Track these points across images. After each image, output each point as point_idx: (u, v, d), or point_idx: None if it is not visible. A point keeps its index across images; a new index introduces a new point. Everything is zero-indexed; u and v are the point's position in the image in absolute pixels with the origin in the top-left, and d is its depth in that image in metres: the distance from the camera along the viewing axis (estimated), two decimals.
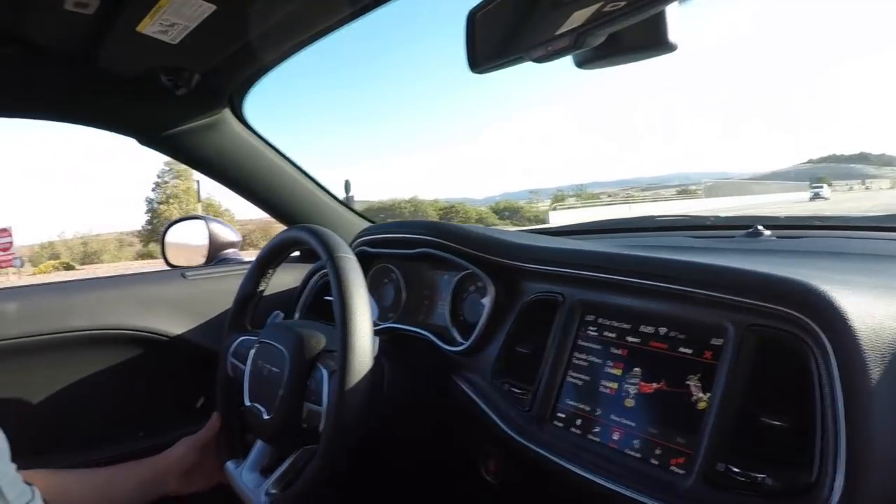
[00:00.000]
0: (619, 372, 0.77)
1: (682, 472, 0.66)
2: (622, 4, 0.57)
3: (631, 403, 0.74)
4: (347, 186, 1.95)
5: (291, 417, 0.88)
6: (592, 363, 0.81)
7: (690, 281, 0.72)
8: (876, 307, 0.60)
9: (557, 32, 0.64)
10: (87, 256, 39.79)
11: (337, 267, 0.85)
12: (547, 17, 0.67)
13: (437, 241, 1.09)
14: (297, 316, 1.35)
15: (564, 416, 0.82)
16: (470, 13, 0.74)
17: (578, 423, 0.79)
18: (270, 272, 1.10)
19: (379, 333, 1.15)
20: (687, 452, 0.66)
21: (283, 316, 1.22)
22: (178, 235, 1.66)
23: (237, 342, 1.08)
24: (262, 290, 1.11)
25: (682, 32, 0.61)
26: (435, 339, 1.07)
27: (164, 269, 1.58)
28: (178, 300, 1.37)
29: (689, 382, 0.69)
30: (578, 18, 0.62)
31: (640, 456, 0.71)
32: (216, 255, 1.60)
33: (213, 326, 1.36)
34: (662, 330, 0.75)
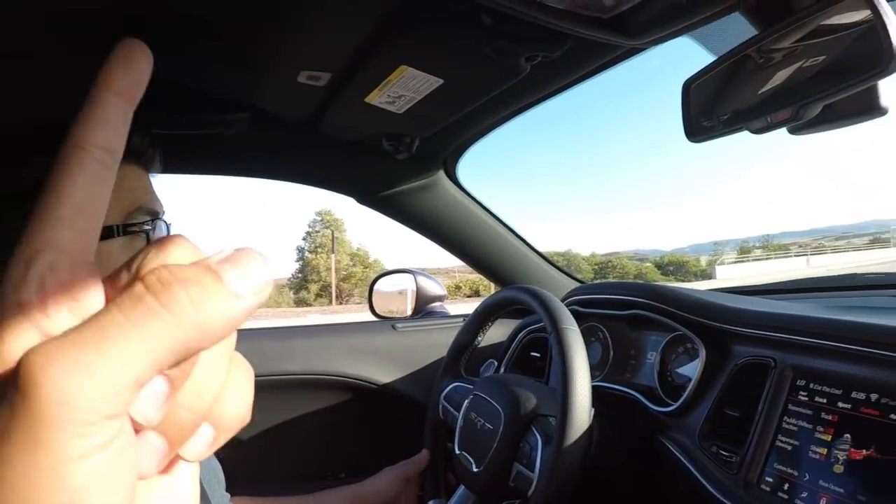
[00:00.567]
0: (828, 438, 0.76)
1: None
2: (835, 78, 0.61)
3: (840, 470, 0.73)
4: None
5: (500, 475, 0.93)
6: (802, 428, 0.80)
7: None
8: None
9: (769, 95, 0.69)
10: None
11: (562, 340, 0.90)
12: (756, 80, 0.71)
13: (649, 303, 1.12)
14: (502, 370, 1.40)
15: (772, 480, 0.81)
16: (685, 84, 0.79)
17: (786, 487, 0.78)
18: (488, 325, 1.17)
19: None
20: None
21: (496, 366, 1.27)
22: (385, 287, 1.71)
23: (451, 387, 1.15)
24: (478, 340, 1.18)
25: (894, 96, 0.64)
26: (642, 398, 1.08)
27: (374, 320, 1.66)
28: (388, 350, 1.43)
29: None
30: (785, 78, 0.67)
31: None
32: (423, 307, 1.65)
33: (421, 377, 1.42)
34: (874, 396, 0.73)
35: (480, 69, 0.91)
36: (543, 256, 1.66)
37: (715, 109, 0.78)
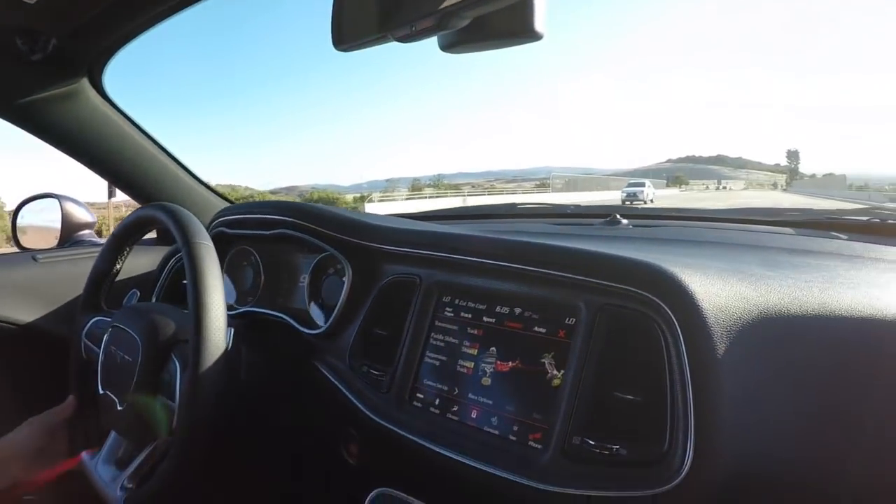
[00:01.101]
0: (475, 352, 0.78)
1: (539, 446, 0.68)
2: None
3: (488, 382, 0.76)
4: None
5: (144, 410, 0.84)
6: (449, 343, 0.82)
7: (545, 262, 0.74)
8: (722, 288, 0.64)
9: (423, 12, 0.63)
10: None
11: (192, 255, 0.82)
12: None
13: (294, 221, 1.06)
14: (153, 300, 1.29)
15: (423, 396, 0.82)
16: None
17: (437, 402, 0.80)
18: (127, 250, 1.04)
19: (237, 318, 1.11)
20: (543, 428, 0.68)
21: (139, 296, 1.13)
22: (29, 215, 1.56)
23: (91, 322, 1.02)
24: (117, 268, 1.06)
25: (548, 22, 0.62)
26: (294, 322, 1.04)
27: (13, 251, 1.50)
28: (28, 285, 1.29)
29: (543, 360, 0.71)
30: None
31: (498, 433, 0.72)
32: (70, 236, 1.51)
33: (67, 312, 1.30)
34: (517, 310, 0.76)
35: None
36: (195, 176, 1.59)
37: (364, 17, 0.70)
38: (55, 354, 1.15)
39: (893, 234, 1.02)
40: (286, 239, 1.09)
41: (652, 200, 31.73)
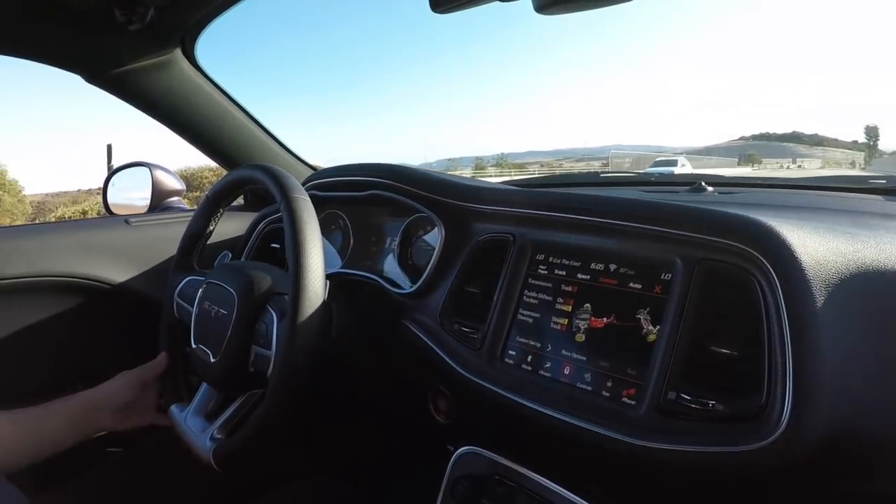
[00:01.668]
0: (568, 308, 0.79)
1: (633, 402, 0.68)
2: None
3: (581, 338, 0.76)
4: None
5: (238, 360, 0.86)
6: (542, 300, 0.82)
7: (640, 217, 0.74)
8: (820, 242, 0.63)
9: None
10: None
11: (292, 209, 0.82)
12: None
13: (387, 182, 1.07)
14: (244, 261, 1.31)
15: (515, 353, 0.83)
16: None
17: (529, 359, 0.81)
18: (221, 211, 1.06)
19: (328, 279, 1.14)
20: (638, 383, 0.68)
21: (231, 257, 1.17)
22: (120, 182, 1.61)
23: (184, 282, 1.04)
24: (211, 229, 1.07)
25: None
26: (384, 283, 1.05)
27: (105, 216, 1.54)
28: (121, 247, 1.32)
29: (639, 316, 0.71)
30: None
31: (591, 389, 0.73)
32: (160, 203, 1.56)
33: (158, 274, 1.32)
34: (612, 266, 0.76)
35: None
36: (283, 145, 1.61)
37: None
38: (147, 314, 1.19)
39: None
40: (377, 201, 1.10)
41: None
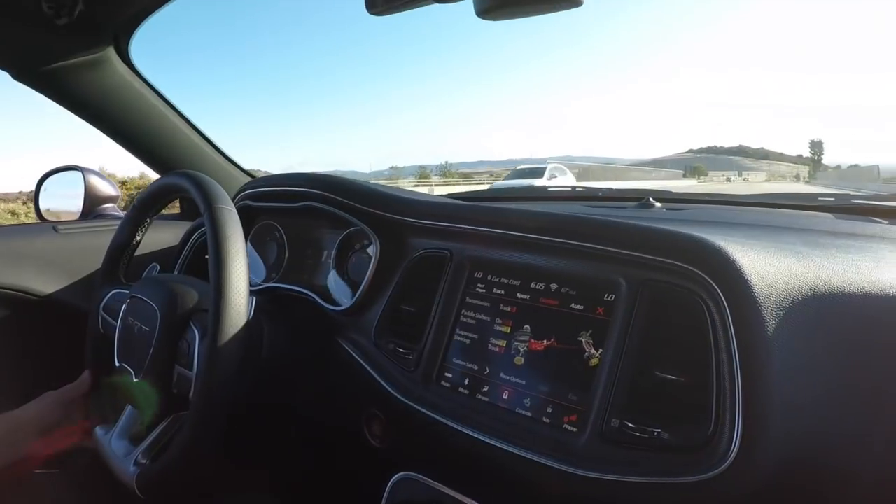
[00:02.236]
0: (507, 329, 0.75)
1: (574, 429, 0.65)
2: None
3: (521, 362, 0.73)
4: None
5: (161, 381, 0.81)
6: (480, 321, 0.79)
7: (582, 234, 0.71)
8: (770, 263, 0.61)
9: None
10: None
11: (215, 219, 0.78)
12: None
13: (322, 193, 1.02)
14: (175, 273, 1.26)
15: (452, 375, 0.79)
16: None
17: (466, 382, 0.77)
18: (147, 221, 1.01)
19: (260, 294, 1.08)
20: (579, 410, 0.65)
21: (159, 269, 1.11)
22: (52, 187, 1.55)
23: (109, 295, 0.99)
24: (138, 239, 1.02)
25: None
26: (318, 299, 1.01)
27: (34, 222, 1.48)
28: (49, 256, 1.27)
29: (581, 339, 0.68)
30: None
31: (530, 415, 0.69)
32: (93, 209, 1.50)
33: (87, 284, 1.28)
34: (553, 286, 0.73)
35: None
36: (220, 151, 1.56)
37: None
38: (74, 327, 1.13)
39: None
40: (312, 213, 1.05)
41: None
